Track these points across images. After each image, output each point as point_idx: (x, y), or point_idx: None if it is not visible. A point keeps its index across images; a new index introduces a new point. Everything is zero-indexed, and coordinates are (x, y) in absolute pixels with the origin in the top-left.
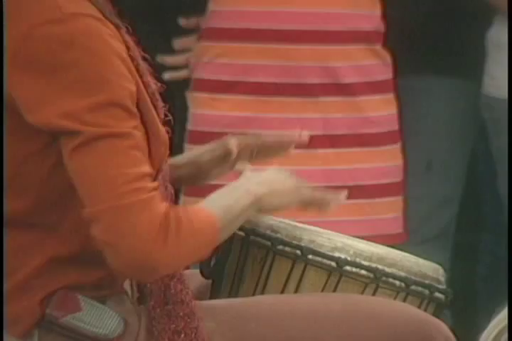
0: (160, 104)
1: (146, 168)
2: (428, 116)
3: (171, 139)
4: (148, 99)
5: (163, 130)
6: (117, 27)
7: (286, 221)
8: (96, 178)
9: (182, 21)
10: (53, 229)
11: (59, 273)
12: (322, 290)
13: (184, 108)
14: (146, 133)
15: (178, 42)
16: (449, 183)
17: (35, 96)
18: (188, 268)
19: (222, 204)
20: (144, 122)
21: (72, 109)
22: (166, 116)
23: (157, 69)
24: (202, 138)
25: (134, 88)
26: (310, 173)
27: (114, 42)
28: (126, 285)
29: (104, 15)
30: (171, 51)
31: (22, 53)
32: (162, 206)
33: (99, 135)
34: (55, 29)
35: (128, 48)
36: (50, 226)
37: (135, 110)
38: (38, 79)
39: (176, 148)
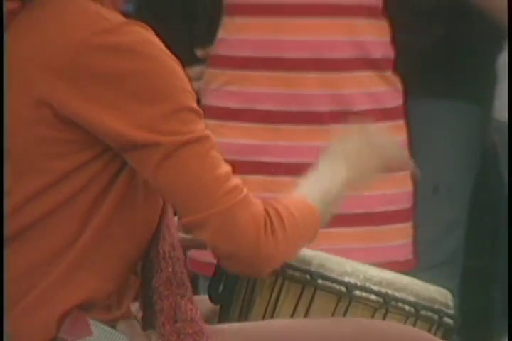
0: None
1: (227, 166)
2: (435, 140)
3: None
4: None
5: None
6: None
7: None
8: (190, 187)
9: (198, 52)
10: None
11: (76, 283)
12: (332, 315)
13: None
14: None
15: (192, 72)
16: (456, 207)
17: (102, 108)
18: (195, 293)
19: (317, 192)
20: None
21: (146, 119)
22: None
23: None
24: None
25: (193, 90)
26: None
27: (163, 46)
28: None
29: None
30: None
31: (77, 65)
32: (258, 202)
33: (179, 144)
34: (111, 38)
35: None
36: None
37: (201, 110)
38: (104, 90)
39: None
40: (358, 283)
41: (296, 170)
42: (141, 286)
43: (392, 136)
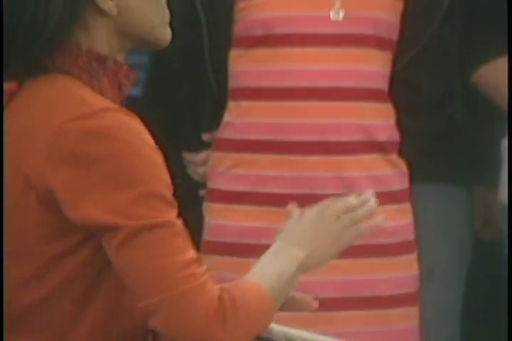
0: None
1: (192, 254)
2: (430, 224)
3: None
4: None
5: None
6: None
7: (300, 330)
8: (146, 271)
9: (204, 136)
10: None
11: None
12: None
13: (200, 218)
14: None
15: (198, 156)
16: (450, 291)
17: (73, 191)
18: None
19: (271, 277)
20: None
21: (113, 203)
22: None
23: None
24: (217, 248)
25: (169, 179)
26: (325, 284)
27: (147, 135)
28: None
29: None
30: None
31: (56, 148)
32: (215, 289)
33: (142, 227)
34: (88, 123)
35: None
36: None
37: (173, 200)
38: (76, 174)
39: None
40: None
41: None
42: None
43: (352, 220)
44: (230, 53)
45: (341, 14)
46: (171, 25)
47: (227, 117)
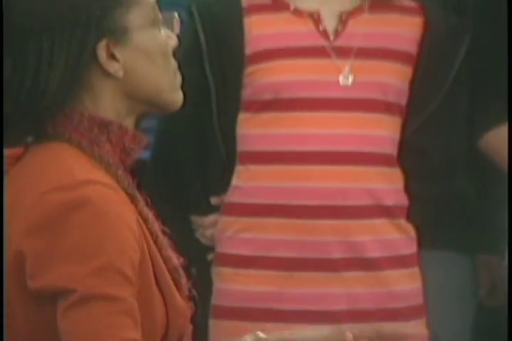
0: (183, 280)
1: (134, 335)
2: (433, 291)
3: (195, 315)
4: (166, 274)
5: (181, 301)
6: (133, 198)
7: None
8: (86, 338)
9: (212, 200)
10: None
11: None
12: None
13: (209, 283)
14: (164, 300)
15: (206, 220)
16: None
17: (41, 260)
18: None
19: None
20: (161, 291)
21: (73, 273)
22: (189, 291)
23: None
24: (226, 313)
25: (137, 257)
26: None
27: (124, 210)
28: None
29: (122, 187)
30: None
31: (33, 218)
32: None
33: (92, 295)
34: (66, 194)
35: (146, 221)
36: None
37: (134, 279)
38: (45, 243)
39: (200, 326)
40: None
41: (310, 317)
42: None
43: None
44: (238, 117)
45: (350, 79)
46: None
47: (235, 181)
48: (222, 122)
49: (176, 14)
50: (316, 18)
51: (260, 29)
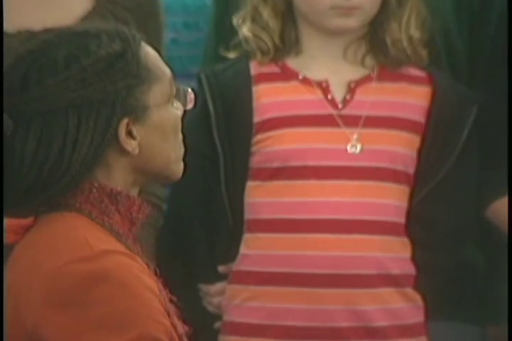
0: None
1: None
2: None
3: None
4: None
5: None
6: (147, 264)
7: None
8: None
9: (220, 268)
10: None
11: None
12: None
13: None
14: None
15: (214, 288)
16: None
17: (66, 336)
18: None
19: None
20: None
21: None
22: None
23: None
24: None
25: (168, 323)
26: None
27: (145, 277)
28: None
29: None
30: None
31: (54, 291)
32: None
33: None
34: (87, 266)
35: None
36: None
37: None
38: (70, 317)
39: None
40: None
41: None
42: None
43: None
44: (246, 185)
45: (358, 148)
46: (186, 157)
47: (243, 249)
48: (230, 190)
49: (189, 89)
50: (324, 87)
51: (269, 97)
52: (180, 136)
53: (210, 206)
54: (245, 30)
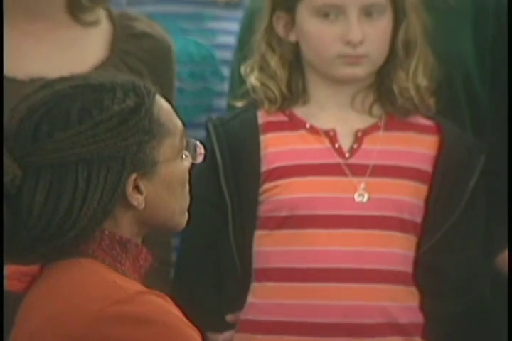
0: None
1: None
2: None
3: None
4: None
5: None
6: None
7: None
8: None
9: (227, 317)
10: None
11: None
12: None
13: None
14: None
15: (221, 337)
16: None
17: None
18: None
19: None
20: None
21: None
22: None
23: None
24: None
25: None
26: None
27: (180, 314)
28: None
29: None
30: None
31: (96, 334)
32: None
33: None
34: (127, 308)
35: None
36: None
37: None
38: None
39: None
40: None
41: None
42: None
43: None
44: (254, 234)
45: (366, 197)
46: (193, 207)
47: (251, 298)
48: (238, 239)
49: (199, 143)
50: (331, 136)
51: (276, 146)
52: (187, 187)
53: (218, 255)
54: (253, 79)
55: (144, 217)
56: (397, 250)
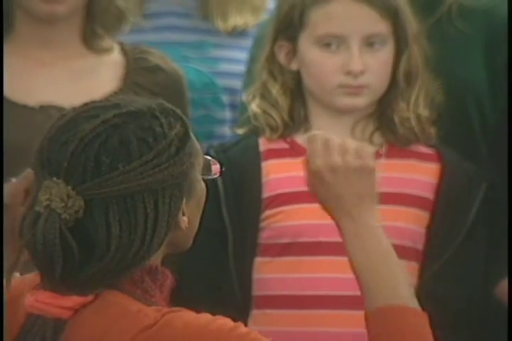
0: None
1: None
2: None
3: None
4: None
5: None
6: None
7: None
8: None
9: None
10: None
11: None
12: None
13: None
14: None
15: None
16: None
17: None
18: None
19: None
20: None
21: None
22: None
23: None
24: None
25: None
26: None
27: None
28: None
29: None
30: None
31: None
32: None
33: None
34: (152, 331)
35: None
36: None
37: None
38: None
39: None
40: None
41: None
42: None
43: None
44: (255, 261)
45: None
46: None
47: (251, 325)
48: (239, 266)
49: (212, 159)
50: None
51: (278, 173)
52: None
53: (218, 281)
54: (254, 107)
55: (178, 238)
56: None
